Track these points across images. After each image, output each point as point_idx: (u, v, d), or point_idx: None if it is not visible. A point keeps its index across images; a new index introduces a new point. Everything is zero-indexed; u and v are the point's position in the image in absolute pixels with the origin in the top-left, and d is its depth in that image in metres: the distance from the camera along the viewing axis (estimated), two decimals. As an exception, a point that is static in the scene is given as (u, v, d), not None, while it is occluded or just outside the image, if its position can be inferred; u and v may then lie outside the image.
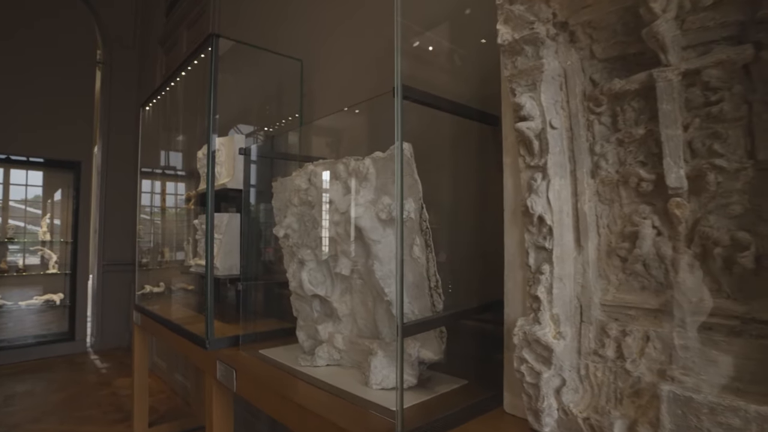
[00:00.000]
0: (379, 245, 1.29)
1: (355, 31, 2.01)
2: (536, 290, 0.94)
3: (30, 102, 4.99)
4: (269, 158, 1.92)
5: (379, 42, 1.87)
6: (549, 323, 0.92)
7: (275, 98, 2.42)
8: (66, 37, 5.23)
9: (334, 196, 1.42)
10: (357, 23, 2.02)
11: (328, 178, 1.47)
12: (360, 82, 1.96)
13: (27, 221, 5.36)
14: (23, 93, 4.96)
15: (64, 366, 4.69)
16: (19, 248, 5.26)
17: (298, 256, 1.56)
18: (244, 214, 1.79)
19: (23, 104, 4.96)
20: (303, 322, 1.64)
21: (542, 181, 0.95)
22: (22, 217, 5.35)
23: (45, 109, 5.05)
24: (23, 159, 5.19)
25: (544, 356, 0.89)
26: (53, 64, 5.13)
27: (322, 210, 1.44)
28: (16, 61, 4.94)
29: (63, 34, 5.21)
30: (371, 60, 1.90)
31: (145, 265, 3.89)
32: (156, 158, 3.56)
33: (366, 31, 1.95)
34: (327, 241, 1.48)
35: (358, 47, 1.98)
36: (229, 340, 1.77)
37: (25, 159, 5.20)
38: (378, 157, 1.31)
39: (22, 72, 4.95)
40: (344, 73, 2.05)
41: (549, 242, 0.94)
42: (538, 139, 0.95)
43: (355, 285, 1.49)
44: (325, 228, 1.39)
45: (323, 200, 1.44)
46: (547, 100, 0.95)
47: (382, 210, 1.26)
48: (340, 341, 1.46)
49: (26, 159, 5.20)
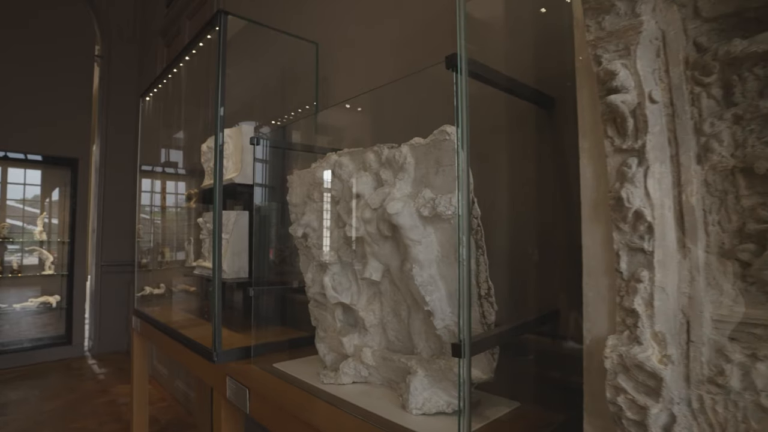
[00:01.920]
0: (419, 246, 1.11)
1: (375, 11, 1.83)
2: (632, 302, 0.76)
3: (25, 97, 4.80)
4: (283, 149, 1.74)
5: (400, 22, 1.69)
6: (651, 344, 0.74)
7: (288, 85, 2.23)
8: (63, 31, 5.05)
9: (363, 190, 1.23)
10: (376, 3, 1.84)
11: (356, 169, 1.29)
12: (381, 66, 1.77)
13: (25, 221, 5.17)
14: (18, 88, 4.78)
15: (60, 371, 4.50)
16: (18, 248, 5.07)
17: (319, 258, 1.38)
18: (255, 212, 1.61)
19: (18, 100, 4.77)
20: (323, 332, 1.45)
21: (638, 167, 0.77)
22: (19, 217, 5.16)
23: (41, 104, 4.87)
24: (21, 157, 5.00)
25: (649, 386, 0.71)
26: (50, 59, 4.94)
27: (351, 206, 1.26)
28: (12, 54, 4.75)
29: (60, 28, 5.03)
30: (392, 42, 1.72)
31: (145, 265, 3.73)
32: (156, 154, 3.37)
33: (386, 11, 1.76)
34: (353, 241, 1.30)
35: (378, 29, 1.80)
36: (239, 352, 1.59)
37: (23, 157, 5.01)
38: (418, 143, 1.12)
39: (17, 66, 4.77)
40: (364, 57, 1.86)
41: (649, 243, 0.76)
42: (633, 115, 0.77)
43: (385, 291, 1.31)
44: (352, 227, 1.21)
45: (353, 194, 1.25)
46: (644, 68, 0.77)
47: (424, 205, 1.08)
48: (369, 356, 1.28)
49: (24, 157, 5.01)
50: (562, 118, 1.16)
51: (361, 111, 1.64)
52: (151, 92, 2.44)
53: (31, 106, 4.81)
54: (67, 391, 3.92)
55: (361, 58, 1.88)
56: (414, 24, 1.64)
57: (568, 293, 1.12)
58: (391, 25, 1.73)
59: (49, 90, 4.93)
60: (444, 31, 1.49)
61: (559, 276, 1.15)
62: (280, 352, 1.63)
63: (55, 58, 4.98)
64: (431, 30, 1.55)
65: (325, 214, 1.40)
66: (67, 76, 5.06)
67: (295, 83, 2.14)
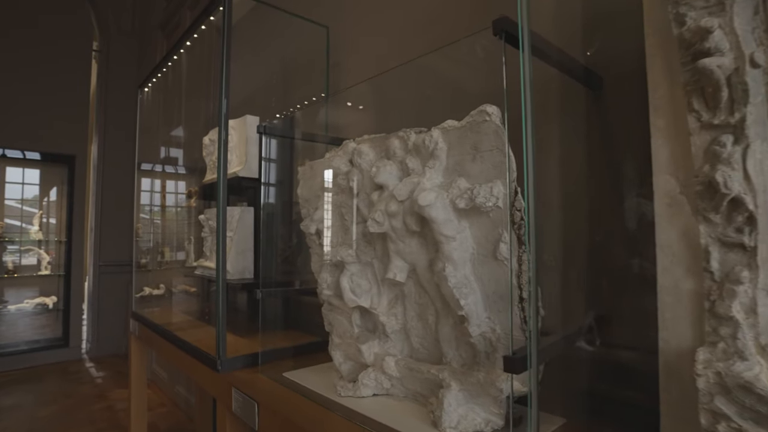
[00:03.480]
0: (453, 243, 0.98)
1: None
2: (728, 308, 0.63)
3: (20, 92, 4.67)
4: (291, 139, 1.60)
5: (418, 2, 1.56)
6: (758, 359, 0.60)
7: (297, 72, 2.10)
8: (60, 24, 4.91)
9: (387, 181, 1.10)
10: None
11: (378, 158, 1.16)
12: (398, 50, 1.64)
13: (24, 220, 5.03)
14: (12, 82, 4.64)
15: (56, 375, 4.36)
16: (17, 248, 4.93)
17: (335, 257, 1.25)
18: (263, 208, 1.48)
19: (12, 94, 4.63)
20: (339, 339, 1.32)
21: (735, 145, 0.64)
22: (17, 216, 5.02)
23: (37, 99, 4.73)
24: (19, 156, 4.87)
25: (761, 412, 0.58)
26: (46, 53, 4.81)
27: (372, 198, 1.13)
28: (5, 47, 4.61)
29: (57, 21, 4.89)
30: (412, 22, 1.59)
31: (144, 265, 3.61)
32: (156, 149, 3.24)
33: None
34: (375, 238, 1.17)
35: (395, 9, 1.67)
36: (246, 360, 1.46)
37: (21, 156, 4.87)
38: (451, 126, 0.99)
39: (11, 59, 4.63)
40: (379, 40, 1.73)
41: (749, 237, 0.63)
42: (729, 84, 0.64)
43: (409, 294, 1.18)
44: (377, 221, 1.08)
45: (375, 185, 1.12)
46: (743, 27, 0.64)
47: (460, 196, 0.95)
48: (392, 366, 1.15)
49: (23, 156, 4.88)
50: (612, 99, 1.03)
51: (380, 94, 1.51)
52: (149, 82, 2.31)
53: (25, 101, 4.68)
54: (62, 396, 3.79)
55: (376, 41, 1.75)
56: (434, 1, 1.51)
57: (623, 295, 0.99)
58: (409, 4, 1.60)
59: (45, 85, 4.79)
60: (470, 8, 1.36)
61: (612, 275, 1.02)
62: (288, 358, 1.50)
63: (50, 53, 4.85)
64: (454, 7, 1.42)
65: (341, 208, 1.27)
66: (64, 70, 4.93)
67: (304, 70, 2.01)
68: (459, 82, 1.17)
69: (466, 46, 0.93)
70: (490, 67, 0.87)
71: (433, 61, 1.14)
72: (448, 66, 1.13)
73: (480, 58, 0.93)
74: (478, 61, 0.97)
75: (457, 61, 1.09)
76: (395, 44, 1.65)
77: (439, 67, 1.16)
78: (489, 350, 1.03)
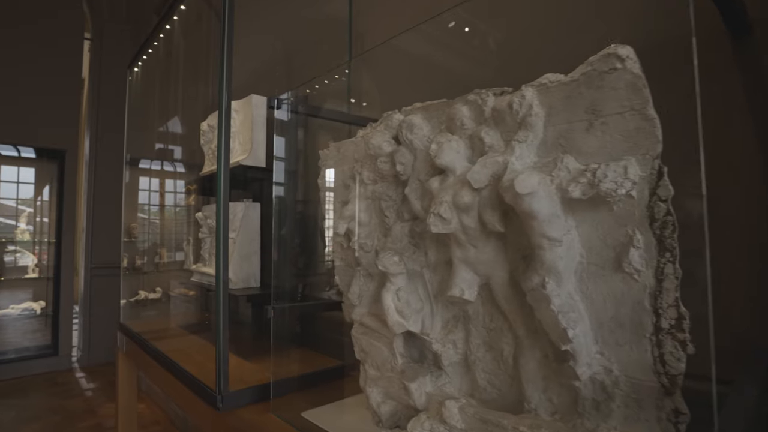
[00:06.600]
0: (557, 249, 0.69)
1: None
2: None
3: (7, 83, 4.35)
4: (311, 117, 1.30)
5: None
6: None
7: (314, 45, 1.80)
8: (50, 10, 4.60)
9: (453, 162, 0.81)
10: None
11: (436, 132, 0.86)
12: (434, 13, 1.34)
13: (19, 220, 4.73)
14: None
15: (43, 387, 4.04)
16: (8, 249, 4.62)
17: (375, 266, 0.96)
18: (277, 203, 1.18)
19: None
20: (375, 371, 1.03)
21: None
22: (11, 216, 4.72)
23: (23, 89, 4.42)
24: (14, 155, 4.58)
25: None
26: (34, 40, 4.49)
27: (431, 186, 0.83)
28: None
29: (46, 7, 4.58)
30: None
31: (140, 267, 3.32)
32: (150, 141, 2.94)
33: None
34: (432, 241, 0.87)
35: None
36: (253, 393, 1.16)
37: (17, 154, 4.58)
38: (555, 82, 0.70)
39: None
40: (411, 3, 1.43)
41: None
42: None
43: (475, 314, 0.88)
44: (443, 218, 0.78)
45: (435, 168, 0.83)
46: None
47: (573, 181, 0.65)
48: (455, 413, 0.85)
49: (17, 153, 4.58)
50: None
51: (431, 45, 1.19)
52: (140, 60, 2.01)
53: (10, 92, 4.36)
54: (48, 411, 3.47)
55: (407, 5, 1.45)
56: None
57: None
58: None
59: (33, 75, 4.47)
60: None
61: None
62: (306, 388, 1.21)
63: (39, 40, 4.53)
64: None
65: (380, 202, 0.98)
66: (53, 59, 4.61)
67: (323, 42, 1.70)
68: (561, 24, 0.86)
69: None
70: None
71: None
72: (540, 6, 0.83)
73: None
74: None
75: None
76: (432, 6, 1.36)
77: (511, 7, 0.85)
78: (601, 398, 0.73)
